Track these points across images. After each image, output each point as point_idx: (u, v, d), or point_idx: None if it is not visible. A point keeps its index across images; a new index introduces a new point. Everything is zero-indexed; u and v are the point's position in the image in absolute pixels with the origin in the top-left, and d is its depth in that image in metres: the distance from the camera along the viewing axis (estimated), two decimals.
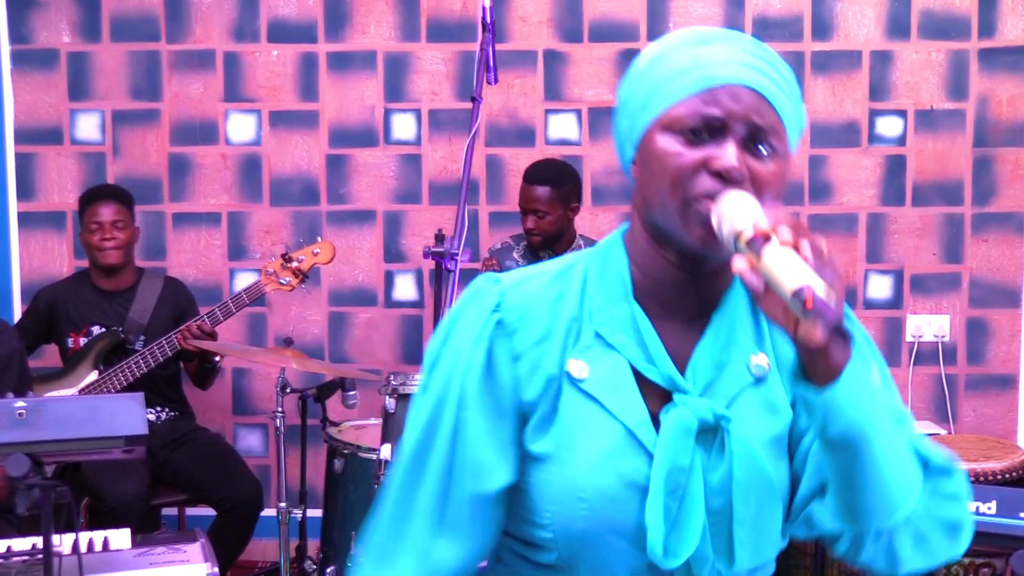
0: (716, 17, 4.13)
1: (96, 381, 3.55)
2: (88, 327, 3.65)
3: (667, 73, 1.16)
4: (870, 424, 1.08)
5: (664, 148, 1.14)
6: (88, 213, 3.63)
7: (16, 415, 2.02)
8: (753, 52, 1.16)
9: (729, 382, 1.20)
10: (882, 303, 4.22)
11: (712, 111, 1.12)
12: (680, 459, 1.15)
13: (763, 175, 1.13)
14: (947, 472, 1.19)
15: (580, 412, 1.19)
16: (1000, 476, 3.28)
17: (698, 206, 1.11)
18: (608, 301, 1.21)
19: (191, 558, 2.32)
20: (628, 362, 1.19)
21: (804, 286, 0.97)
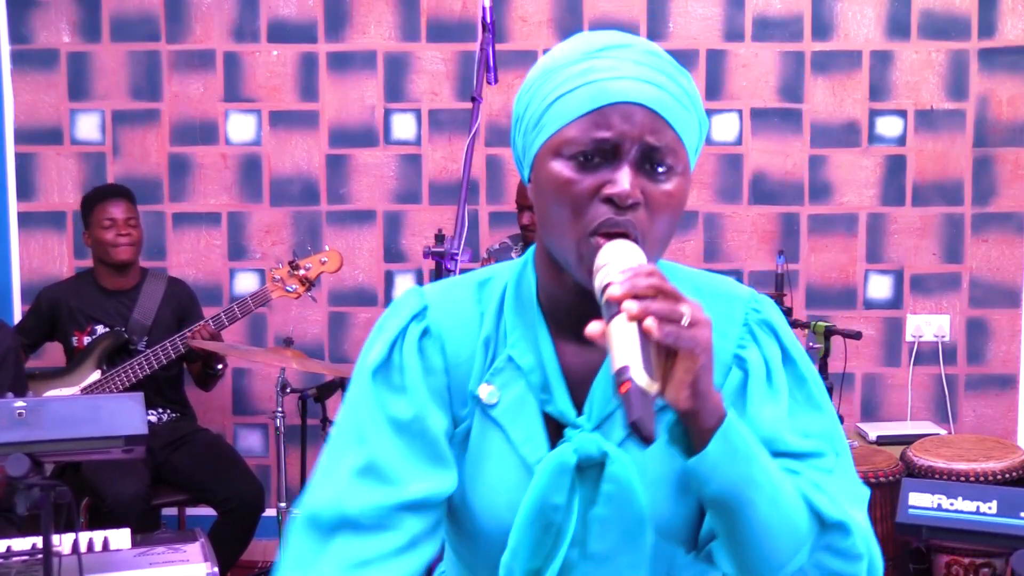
0: (716, 17, 4.13)
1: (99, 381, 3.55)
2: (92, 326, 3.65)
3: (557, 91, 1.11)
4: (746, 485, 1.06)
5: (557, 175, 1.10)
6: (99, 211, 3.63)
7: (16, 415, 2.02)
8: (647, 63, 1.10)
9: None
10: (882, 303, 4.22)
11: (603, 134, 1.08)
12: (553, 497, 1.13)
13: (658, 197, 1.09)
14: (843, 529, 1.14)
15: (486, 439, 1.18)
16: (1000, 476, 3.28)
17: (592, 243, 1.08)
18: (521, 323, 1.19)
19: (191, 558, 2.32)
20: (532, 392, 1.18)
21: (622, 368, 0.95)
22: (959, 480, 3.25)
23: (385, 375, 1.18)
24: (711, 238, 4.19)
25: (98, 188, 3.78)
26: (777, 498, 1.09)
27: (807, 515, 1.12)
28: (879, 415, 4.22)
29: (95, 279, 3.72)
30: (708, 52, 4.15)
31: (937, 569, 3.39)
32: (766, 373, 1.18)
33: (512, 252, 3.79)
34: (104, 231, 3.62)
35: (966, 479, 3.26)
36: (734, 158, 4.18)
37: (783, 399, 1.18)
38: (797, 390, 1.20)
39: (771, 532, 1.09)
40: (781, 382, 1.19)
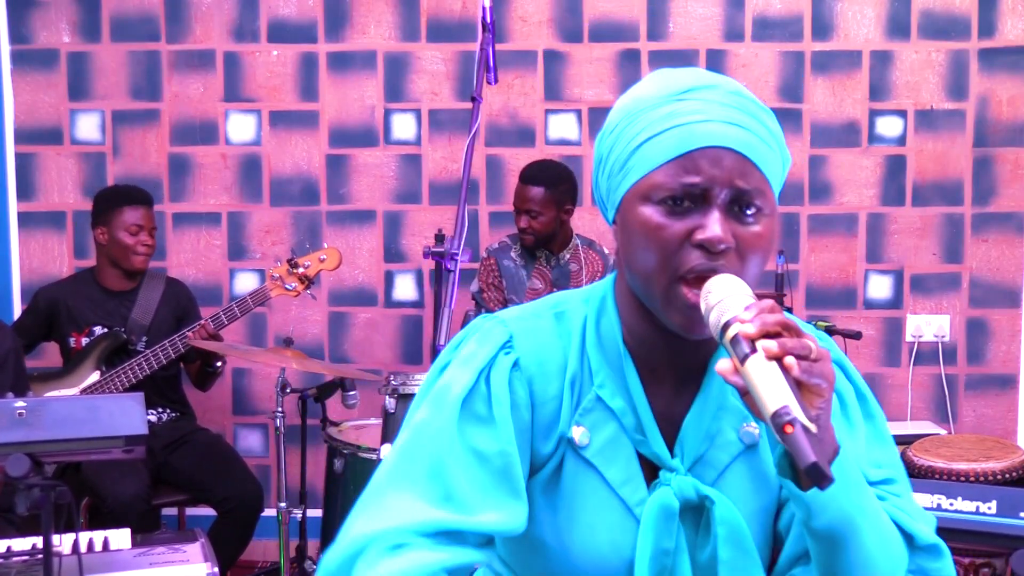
0: (716, 17, 4.13)
1: (98, 382, 3.55)
2: (91, 327, 3.64)
3: (643, 135, 1.11)
4: (856, 515, 1.07)
5: (646, 220, 1.10)
6: (126, 213, 3.59)
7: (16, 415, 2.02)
8: (733, 104, 1.10)
9: (720, 452, 1.18)
10: (882, 303, 4.22)
11: (693, 179, 1.08)
12: (664, 542, 1.15)
13: (748, 239, 1.09)
14: (934, 552, 1.16)
15: (581, 481, 1.18)
16: (1000, 476, 3.28)
17: (683, 289, 1.08)
18: (606, 361, 1.19)
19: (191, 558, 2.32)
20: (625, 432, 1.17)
21: (783, 408, 0.95)
22: (959, 480, 3.25)
23: (471, 406, 1.15)
24: None
25: (121, 188, 3.73)
26: (880, 527, 1.10)
27: (902, 540, 1.14)
28: None
29: (96, 279, 3.71)
30: (708, 52, 4.15)
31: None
32: (842, 409, 1.20)
33: (511, 251, 3.79)
34: (129, 236, 3.59)
35: (966, 479, 3.26)
36: None
37: (860, 433, 1.20)
38: (868, 424, 1.22)
39: (873, 561, 1.09)
40: (857, 417, 1.20)
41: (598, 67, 4.14)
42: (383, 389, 3.00)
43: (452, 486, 1.11)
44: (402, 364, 4.20)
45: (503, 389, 1.16)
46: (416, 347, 4.23)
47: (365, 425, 3.50)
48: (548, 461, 1.19)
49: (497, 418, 1.15)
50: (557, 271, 3.74)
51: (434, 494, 1.11)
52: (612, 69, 4.13)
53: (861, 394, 1.24)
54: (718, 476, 1.17)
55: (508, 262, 3.77)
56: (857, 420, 1.20)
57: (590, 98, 4.16)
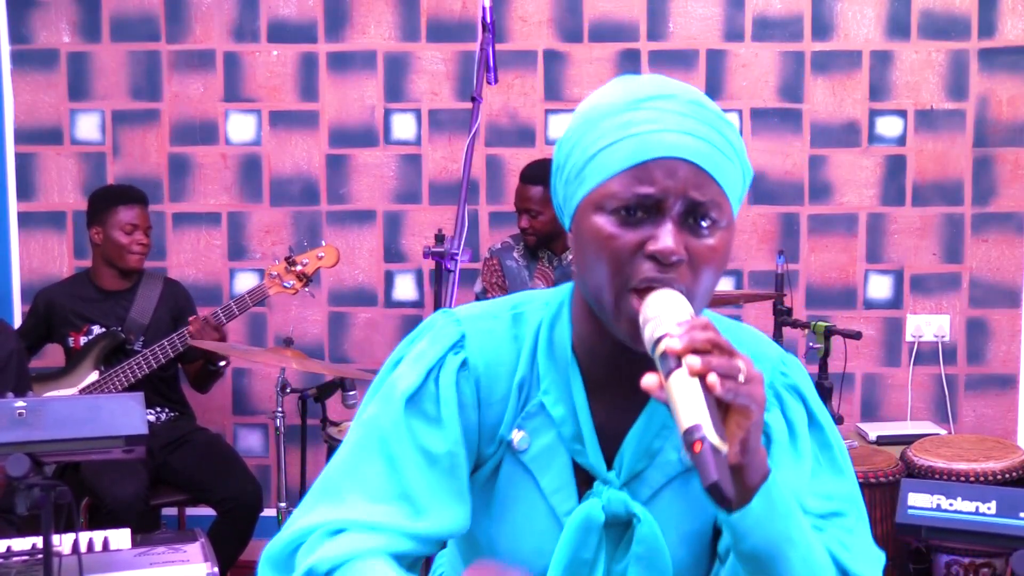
0: (716, 17, 4.13)
1: (97, 382, 3.55)
2: (88, 326, 3.65)
3: (599, 144, 1.09)
4: (783, 541, 1.06)
5: (599, 230, 1.08)
6: (121, 212, 3.59)
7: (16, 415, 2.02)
8: (691, 115, 1.09)
9: (658, 471, 1.18)
10: (882, 303, 4.22)
11: (646, 190, 1.06)
12: (582, 552, 1.15)
13: (702, 252, 1.08)
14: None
15: (515, 484, 1.19)
16: (1000, 476, 3.28)
17: (632, 300, 1.07)
18: (554, 368, 1.18)
19: (191, 558, 2.32)
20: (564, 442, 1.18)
21: (694, 426, 0.94)
22: (959, 480, 3.25)
23: (419, 404, 1.16)
24: None
25: (115, 188, 3.75)
26: (809, 556, 1.09)
27: (834, 572, 1.13)
28: (879, 415, 4.22)
29: (93, 279, 3.71)
30: (708, 52, 4.15)
31: (937, 569, 3.38)
32: (790, 436, 1.19)
33: (514, 252, 3.79)
34: (124, 235, 3.60)
35: (966, 479, 3.26)
36: None
37: (806, 462, 1.18)
38: (822, 454, 1.21)
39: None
40: (805, 446, 1.19)
41: (598, 67, 4.14)
42: None
43: (403, 487, 1.13)
44: None
45: (451, 390, 1.17)
46: None
47: None
48: (488, 461, 1.20)
49: (444, 418, 1.16)
50: (559, 271, 3.74)
51: (385, 494, 1.12)
52: (612, 69, 4.13)
53: (817, 423, 1.21)
54: (652, 495, 1.17)
55: (511, 262, 3.77)
56: (804, 449, 1.19)
57: None
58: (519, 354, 1.19)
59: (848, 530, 1.16)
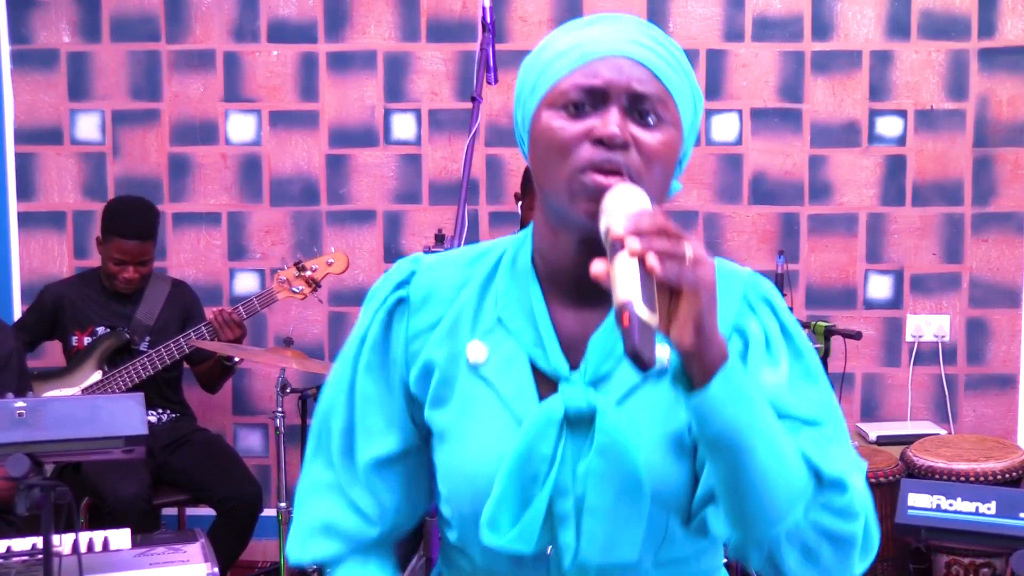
0: (716, 17, 4.13)
1: (100, 382, 3.56)
2: (94, 326, 3.65)
3: (551, 56, 1.18)
4: (746, 428, 1.06)
5: (548, 123, 1.15)
6: (114, 243, 3.55)
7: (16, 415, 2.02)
8: (637, 30, 1.17)
9: (626, 373, 1.18)
10: (882, 303, 4.22)
11: (592, 81, 1.13)
12: (540, 447, 1.15)
13: (649, 144, 1.12)
14: (839, 486, 1.13)
15: (475, 395, 1.21)
16: (1000, 476, 3.28)
17: (583, 178, 1.11)
18: (514, 287, 1.23)
19: (191, 558, 2.32)
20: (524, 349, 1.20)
21: (624, 301, 0.96)
22: (959, 480, 3.25)
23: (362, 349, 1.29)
24: (711, 238, 4.19)
25: (122, 211, 3.62)
26: (776, 447, 1.09)
27: (805, 470, 1.12)
28: (879, 415, 4.22)
29: (99, 279, 3.71)
30: (708, 52, 4.15)
31: (937, 569, 3.39)
32: (765, 343, 1.20)
33: None
34: (112, 264, 3.58)
35: (966, 479, 3.26)
36: (734, 158, 4.18)
37: (783, 368, 1.19)
38: (795, 363, 1.21)
39: (770, 480, 1.08)
40: (780, 352, 1.20)
41: None
42: None
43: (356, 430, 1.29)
44: None
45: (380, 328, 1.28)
46: None
47: None
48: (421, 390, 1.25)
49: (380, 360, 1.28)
50: None
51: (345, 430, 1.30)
52: None
53: (788, 333, 1.23)
54: (624, 396, 1.18)
55: None
56: (779, 356, 1.20)
57: None
58: (471, 281, 1.25)
59: (825, 439, 1.16)
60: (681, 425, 1.18)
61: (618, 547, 1.16)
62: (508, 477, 1.15)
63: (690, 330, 1.01)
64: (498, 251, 1.27)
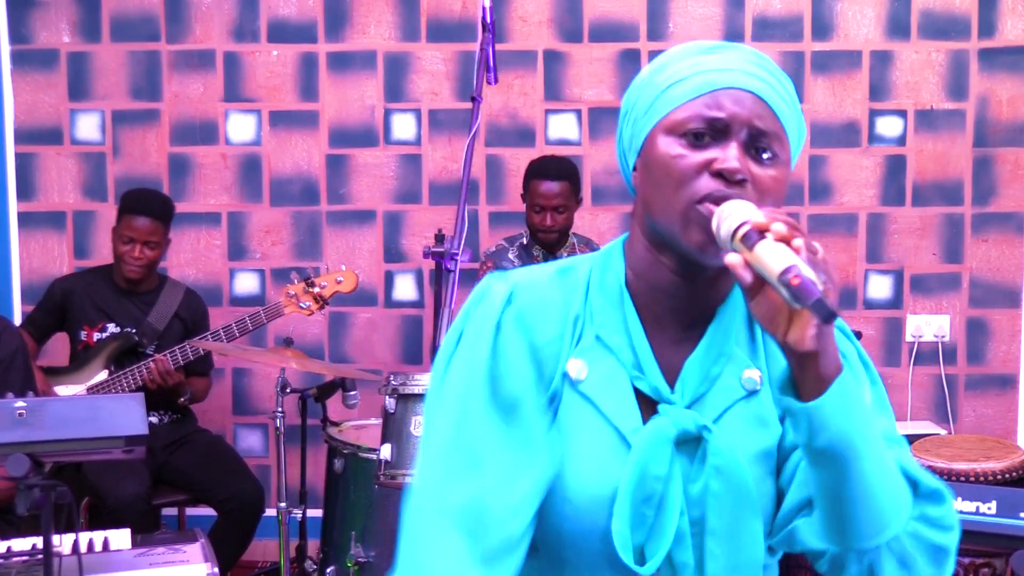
0: (716, 17, 4.13)
1: (105, 381, 3.56)
2: (104, 323, 3.66)
3: (670, 80, 1.17)
4: (857, 437, 1.06)
5: (667, 151, 1.14)
6: (125, 221, 3.59)
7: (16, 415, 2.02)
8: (756, 62, 1.17)
9: (720, 395, 1.19)
10: (882, 303, 4.22)
11: (715, 113, 1.13)
12: (654, 468, 1.14)
13: (764, 180, 1.13)
14: (937, 497, 1.15)
15: (576, 413, 1.19)
16: (1000, 476, 3.28)
17: (700, 208, 1.11)
18: (608, 305, 1.21)
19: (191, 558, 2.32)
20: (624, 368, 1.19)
21: (791, 265, 0.98)
22: (959, 480, 3.25)
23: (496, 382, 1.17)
24: None
25: (135, 194, 3.69)
26: (882, 458, 1.09)
27: (904, 480, 1.13)
28: None
29: (111, 275, 3.72)
30: None
31: None
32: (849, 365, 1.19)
33: (509, 253, 3.79)
34: (121, 243, 3.60)
35: (966, 479, 3.26)
36: None
37: (867, 388, 1.21)
38: (873, 389, 1.23)
39: (875, 491, 1.09)
40: (863, 375, 1.22)
41: (598, 67, 4.14)
42: (383, 389, 2.99)
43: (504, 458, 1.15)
44: (402, 364, 4.20)
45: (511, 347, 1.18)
46: (416, 347, 4.23)
47: (365, 425, 3.49)
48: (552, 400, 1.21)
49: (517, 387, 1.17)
50: None
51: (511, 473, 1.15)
52: (612, 69, 4.13)
53: (864, 361, 1.25)
54: (717, 417, 1.18)
55: (507, 264, 3.76)
56: (862, 377, 1.21)
57: (590, 98, 4.16)
58: (568, 298, 1.23)
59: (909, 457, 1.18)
60: (771, 443, 1.20)
61: (740, 568, 1.17)
62: (625, 495, 1.14)
63: (813, 331, 1.02)
64: (584, 268, 1.26)
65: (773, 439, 1.20)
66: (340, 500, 3.16)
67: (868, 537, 1.10)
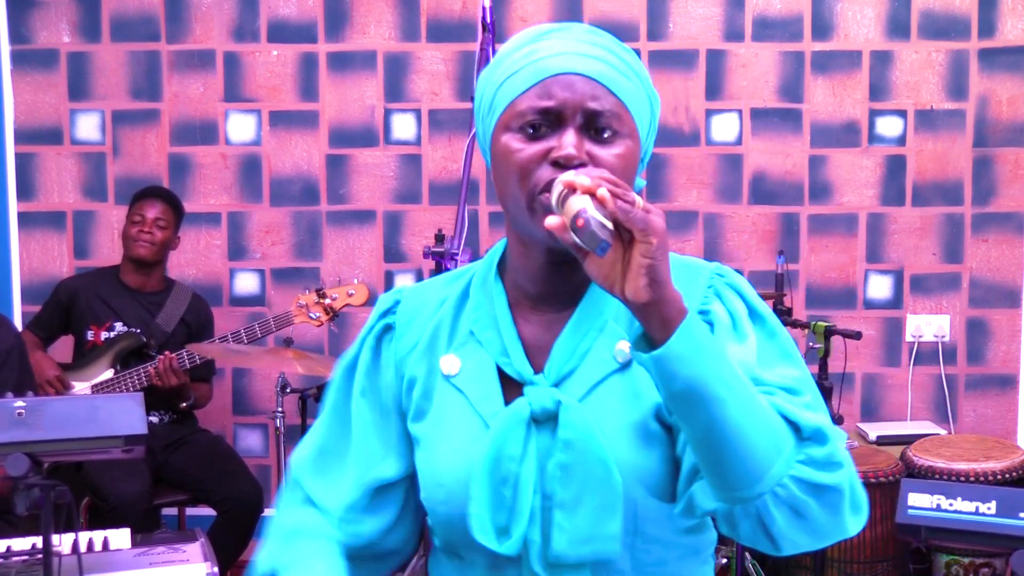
0: (716, 17, 4.13)
1: (110, 380, 3.57)
2: (112, 321, 3.67)
3: (505, 74, 1.20)
4: (713, 380, 1.04)
5: (507, 146, 1.18)
6: (135, 207, 3.70)
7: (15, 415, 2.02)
8: (588, 40, 1.19)
9: (591, 369, 1.21)
10: (882, 303, 4.22)
11: (546, 103, 1.15)
12: (509, 448, 1.17)
13: (606, 160, 1.15)
14: (819, 437, 1.11)
15: (448, 404, 1.24)
16: (1000, 476, 3.28)
17: (543, 199, 1.14)
18: (482, 299, 1.27)
19: (191, 558, 2.32)
20: (491, 357, 1.24)
21: (581, 209, 1.00)
22: (959, 480, 3.25)
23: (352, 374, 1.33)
24: (711, 238, 4.19)
25: (145, 187, 3.84)
26: (748, 400, 1.07)
27: (783, 423, 1.10)
28: (879, 415, 4.22)
29: (118, 275, 3.74)
30: (708, 52, 4.15)
31: (937, 569, 3.39)
32: (732, 324, 1.21)
33: None
34: (132, 226, 3.68)
35: (966, 479, 3.26)
36: (734, 158, 4.18)
37: (750, 345, 1.19)
38: (769, 342, 1.21)
39: (745, 433, 1.06)
40: (748, 331, 1.20)
41: None
42: None
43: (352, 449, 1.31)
44: None
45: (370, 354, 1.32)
46: None
47: None
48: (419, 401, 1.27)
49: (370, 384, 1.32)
50: None
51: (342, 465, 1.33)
52: None
53: (758, 315, 1.23)
54: (588, 391, 1.20)
55: None
56: (747, 334, 1.19)
57: None
58: (446, 298, 1.30)
59: (803, 403, 1.14)
60: (645, 413, 1.19)
61: (593, 541, 1.16)
62: (480, 478, 1.17)
63: (644, 281, 1.01)
64: (473, 269, 1.32)
65: (647, 409, 1.19)
66: None
67: (748, 484, 1.08)
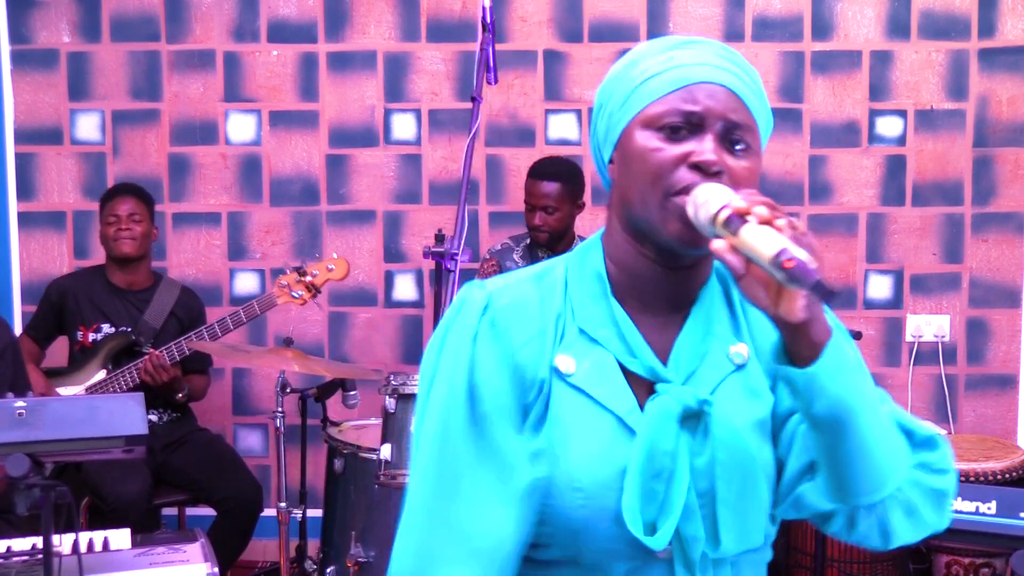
0: (716, 17, 4.13)
1: (103, 380, 3.57)
2: (99, 323, 3.66)
3: (645, 74, 1.20)
4: (854, 399, 1.10)
5: (644, 144, 1.18)
6: (106, 208, 3.68)
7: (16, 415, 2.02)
8: (726, 56, 1.21)
9: (711, 370, 1.22)
10: (882, 303, 4.22)
11: (691, 107, 1.16)
12: (662, 443, 1.17)
13: (739, 171, 1.17)
14: (931, 444, 1.22)
15: (570, 406, 1.20)
16: (1000, 476, 3.28)
17: (676, 200, 1.14)
18: (588, 299, 1.24)
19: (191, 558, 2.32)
20: (612, 355, 1.22)
21: (783, 248, 1.01)
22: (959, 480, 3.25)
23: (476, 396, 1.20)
24: None
25: (112, 187, 3.83)
26: (879, 415, 1.14)
27: (901, 434, 1.19)
28: None
29: (105, 275, 3.73)
30: None
31: (937, 569, 3.39)
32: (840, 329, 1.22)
33: (514, 253, 3.79)
34: (108, 227, 3.66)
35: (966, 479, 3.26)
36: None
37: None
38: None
39: (875, 448, 1.13)
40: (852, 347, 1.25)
41: (598, 67, 4.14)
42: (383, 389, 3.00)
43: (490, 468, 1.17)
44: (402, 364, 4.20)
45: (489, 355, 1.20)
46: (416, 347, 4.22)
47: (365, 425, 3.50)
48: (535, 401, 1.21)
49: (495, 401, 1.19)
50: None
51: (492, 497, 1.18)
52: None
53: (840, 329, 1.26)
54: (711, 392, 1.21)
55: (511, 264, 3.76)
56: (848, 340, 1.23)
57: (590, 98, 4.15)
58: (547, 297, 1.25)
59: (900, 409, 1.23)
60: (765, 413, 1.23)
61: (750, 533, 1.20)
62: (636, 473, 1.16)
63: (803, 303, 1.05)
64: (560, 267, 1.28)
65: (766, 408, 1.23)
66: (340, 500, 3.16)
67: (873, 491, 1.16)
